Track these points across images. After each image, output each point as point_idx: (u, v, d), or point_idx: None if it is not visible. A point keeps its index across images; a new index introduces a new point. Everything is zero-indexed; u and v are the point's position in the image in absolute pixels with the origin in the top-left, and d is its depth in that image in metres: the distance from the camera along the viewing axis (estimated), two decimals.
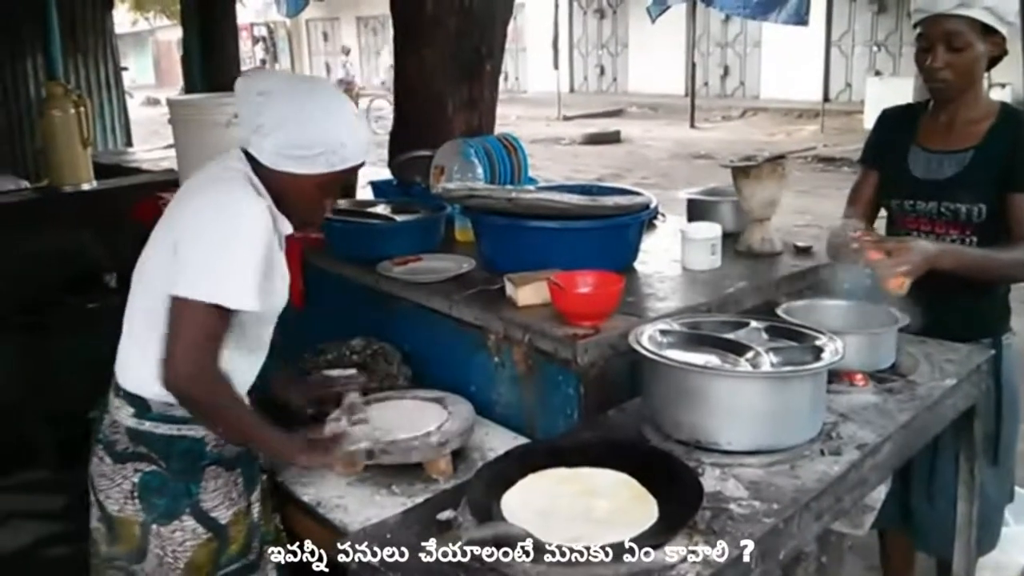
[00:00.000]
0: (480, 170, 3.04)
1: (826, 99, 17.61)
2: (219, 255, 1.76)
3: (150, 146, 7.31)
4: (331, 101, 1.90)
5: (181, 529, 1.90)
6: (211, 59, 5.36)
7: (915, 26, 2.32)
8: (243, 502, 1.99)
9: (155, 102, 26.58)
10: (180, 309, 1.75)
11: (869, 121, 14.57)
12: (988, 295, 2.37)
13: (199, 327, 1.75)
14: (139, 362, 1.88)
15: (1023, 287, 2.10)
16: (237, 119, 1.92)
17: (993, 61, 2.29)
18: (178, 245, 1.79)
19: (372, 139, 1.95)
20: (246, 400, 1.99)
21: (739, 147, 14.74)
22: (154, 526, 1.89)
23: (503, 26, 4.68)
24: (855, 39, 19.21)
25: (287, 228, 1.96)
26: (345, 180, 1.98)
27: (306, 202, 1.94)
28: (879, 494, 2.26)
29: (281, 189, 1.90)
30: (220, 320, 1.77)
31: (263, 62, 31.52)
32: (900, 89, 13.19)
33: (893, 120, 2.54)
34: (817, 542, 1.94)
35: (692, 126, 17.96)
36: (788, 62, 19.30)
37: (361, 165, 1.96)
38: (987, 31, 2.22)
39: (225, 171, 1.89)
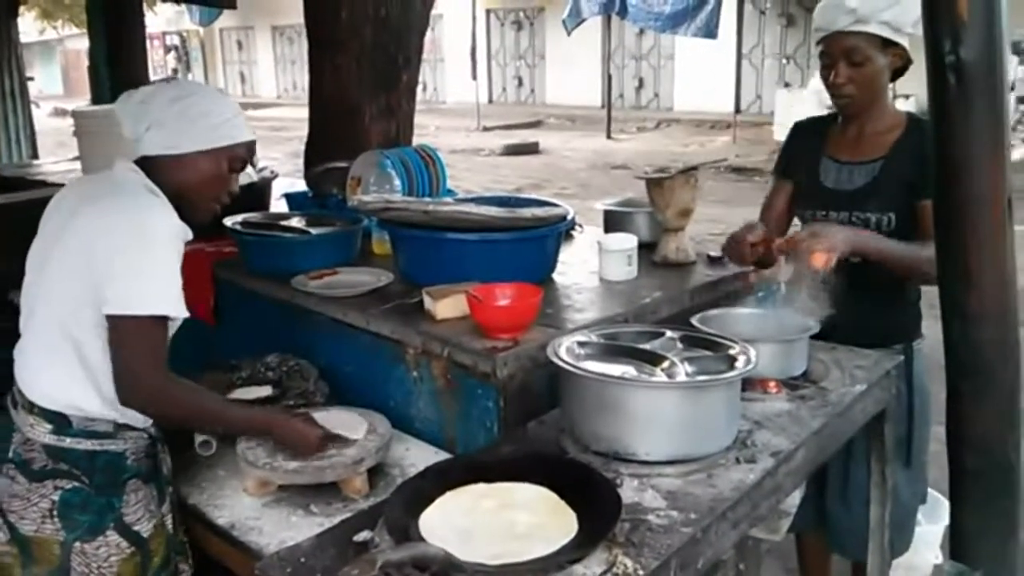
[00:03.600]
0: (397, 182, 3.01)
1: (737, 110, 18.02)
2: (147, 266, 1.78)
3: (57, 158, 7.07)
4: (205, 89, 2.03)
5: (105, 544, 1.87)
6: (119, 69, 5.21)
7: (817, 44, 2.38)
8: (159, 514, 1.97)
9: (63, 112, 25.79)
10: (124, 327, 1.77)
11: (779, 132, 15.00)
12: (901, 302, 2.44)
13: (146, 340, 1.79)
14: (55, 378, 1.86)
15: (934, 292, 2.15)
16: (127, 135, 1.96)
17: (898, 72, 2.36)
18: (93, 262, 1.77)
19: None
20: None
21: (655, 157, 14.98)
22: (77, 544, 1.85)
23: (420, 36, 4.66)
24: (765, 52, 19.70)
25: (188, 234, 1.94)
26: (245, 158, 2.04)
27: (209, 182, 1.97)
28: (794, 499, 2.30)
29: (182, 174, 1.93)
30: (163, 329, 1.81)
31: (175, 71, 30.86)
32: (808, 101, 13.56)
33: (805, 132, 2.60)
34: (735, 549, 1.96)
35: (609, 137, 18.15)
36: (700, 74, 19.70)
37: (252, 144, 2.04)
38: (886, 44, 2.28)
39: (122, 182, 1.89)
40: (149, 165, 1.92)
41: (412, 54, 4.63)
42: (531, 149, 16.79)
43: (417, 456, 2.19)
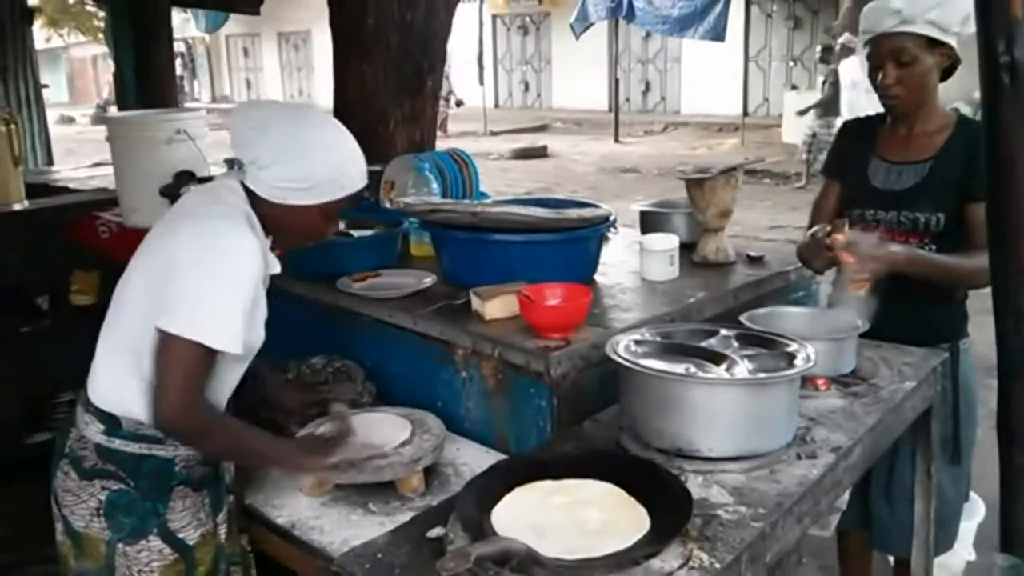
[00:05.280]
0: (435, 185, 3.03)
1: (745, 113, 18.00)
2: (209, 294, 1.75)
3: (69, 165, 7.11)
4: (327, 131, 1.92)
5: (148, 549, 1.87)
6: (146, 75, 5.25)
7: (864, 46, 2.38)
8: (210, 523, 1.96)
9: (69, 120, 25.87)
10: (167, 344, 1.75)
11: (787, 134, 14.98)
12: (947, 302, 2.44)
13: (184, 364, 1.75)
14: (112, 379, 1.87)
15: (980, 294, 2.17)
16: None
17: (947, 72, 2.35)
18: (168, 274, 1.77)
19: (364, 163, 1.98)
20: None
21: (664, 161, 15.03)
22: (120, 545, 1.86)
23: (443, 42, 4.71)
24: (772, 55, 19.72)
25: (275, 268, 1.94)
26: (350, 203, 1.98)
27: (308, 230, 1.97)
28: (844, 495, 2.32)
29: (280, 219, 1.90)
30: (206, 357, 1.77)
31: (180, 78, 30.94)
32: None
33: (853, 132, 2.60)
34: None
35: (616, 140, 18.20)
36: (707, 77, 19.72)
37: (363, 189, 1.98)
38: (933, 44, 2.27)
39: (221, 203, 1.87)
40: (251, 192, 1.89)
41: (436, 60, 4.67)
42: (540, 153, 16.84)
43: (469, 456, 2.21)
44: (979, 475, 2.65)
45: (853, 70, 12.40)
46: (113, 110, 13.53)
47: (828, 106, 11.91)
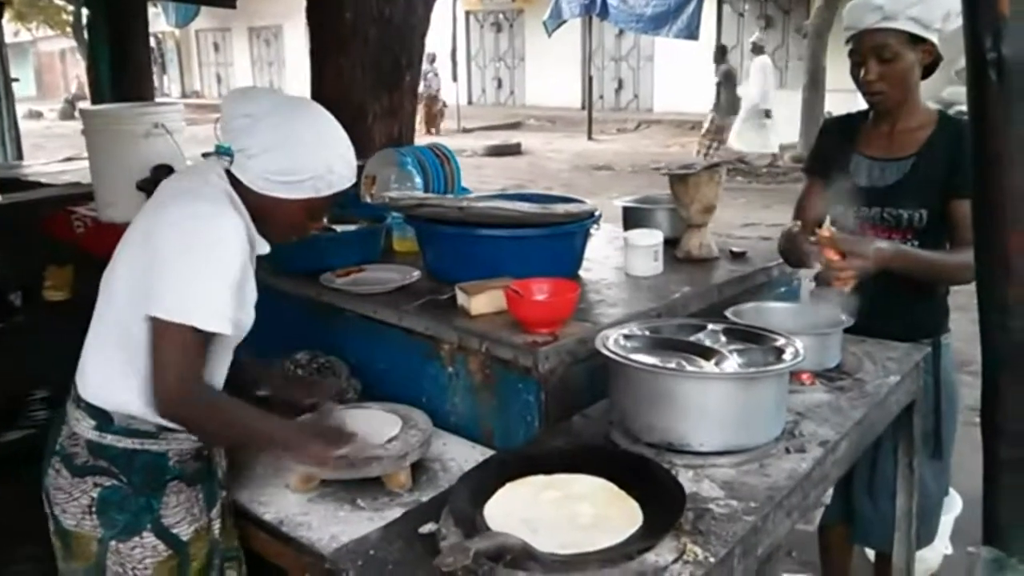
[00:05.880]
0: (418, 180, 3.01)
1: None
2: (196, 276, 1.72)
3: (39, 160, 7.02)
4: (319, 126, 1.88)
5: (141, 546, 1.85)
6: (122, 69, 5.19)
7: (847, 42, 2.40)
8: (204, 518, 1.93)
9: (37, 115, 25.53)
10: (159, 331, 1.71)
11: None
12: (929, 298, 2.46)
13: (180, 349, 1.72)
14: (103, 374, 1.84)
15: (960, 290, 2.19)
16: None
17: (928, 69, 2.37)
18: (152, 260, 1.74)
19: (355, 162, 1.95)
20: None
21: (637, 158, 15.09)
22: (112, 542, 1.83)
23: (421, 37, 4.70)
24: (743, 53, 19.81)
25: (263, 248, 1.92)
26: (333, 202, 1.95)
27: (291, 224, 1.93)
28: (829, 489, 2.33)
29: (264, 210, 1.87)
30: (199, 340, 1.74)
31: None
32: (787, 101, 13.72)
33: (836, 129, 2.62)
34: None
35: (590, 138, 18.23)
36: (680, 76, 19.80)
37: (350, 187, 1.95)
38: (915, 40, 2.29)
39: (204, 185, 1.84)
40: (237, 181, 1.86)
41: (414, 55, 4.66)
42: (514, 150, 16.83)
43: (455, 451, 2.20)
44: (956, 469, 2.69)
45: (763, 69, 12.80)
46: (82, 104, 13.36)
47: (725, 106, 12.42)
